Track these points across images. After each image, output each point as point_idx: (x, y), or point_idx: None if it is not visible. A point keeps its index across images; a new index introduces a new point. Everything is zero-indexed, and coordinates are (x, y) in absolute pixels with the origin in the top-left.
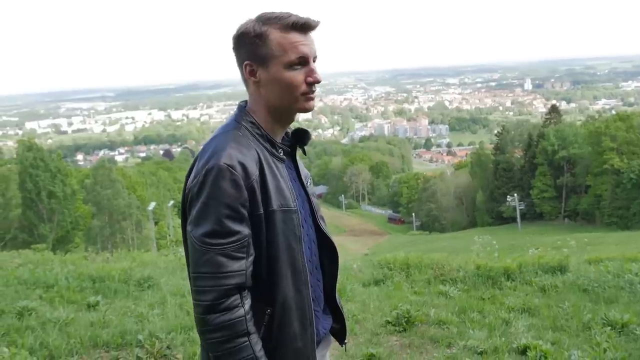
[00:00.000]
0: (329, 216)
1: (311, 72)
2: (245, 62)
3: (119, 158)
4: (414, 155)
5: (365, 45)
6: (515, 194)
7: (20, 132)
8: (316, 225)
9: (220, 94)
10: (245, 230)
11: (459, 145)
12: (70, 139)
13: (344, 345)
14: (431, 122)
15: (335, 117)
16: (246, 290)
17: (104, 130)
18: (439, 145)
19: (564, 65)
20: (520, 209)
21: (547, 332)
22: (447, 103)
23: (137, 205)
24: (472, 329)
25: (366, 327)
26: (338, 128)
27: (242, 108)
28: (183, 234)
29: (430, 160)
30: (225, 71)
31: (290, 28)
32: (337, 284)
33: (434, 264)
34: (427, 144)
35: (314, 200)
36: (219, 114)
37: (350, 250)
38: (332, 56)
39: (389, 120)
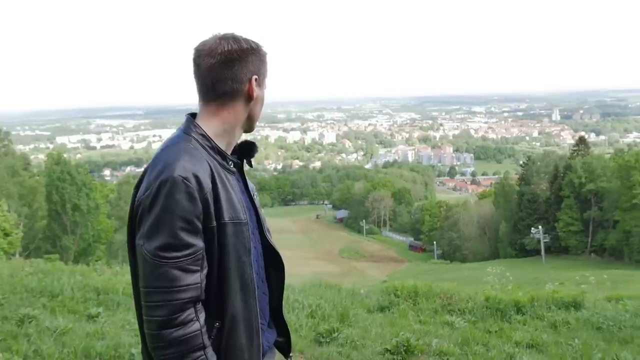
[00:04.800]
0: (349, 241)
1: None
2: (255, 76)
3: None
4: (438, 183)
5: (391, 71)
6: (540, 226)
7: (51, 146)
8: (263, 238)
9: None
10: (199, 243)
11: (484, 174)
12: (98, 155)
13: (289, 359)
14: (456, 150)
15: (360, 142)
16: (200, 304)
17: (131, 147)
18: (463, 174)
19: (594, 96)
20: (545, 242)
21: None
22: (472, 131)
23: None
24: None
25: (364, 354)
26: (362, 153)
27: (191, 120)
28: (129, 248)
29: (454, 189)
30: None
31: None
32: (284, 298)
33: (443, 293)
34: (451, 172)
35: (261, 212)
36: (244, 135)
37: (369, 276)
38: (358, 82)
39: (414, 147)
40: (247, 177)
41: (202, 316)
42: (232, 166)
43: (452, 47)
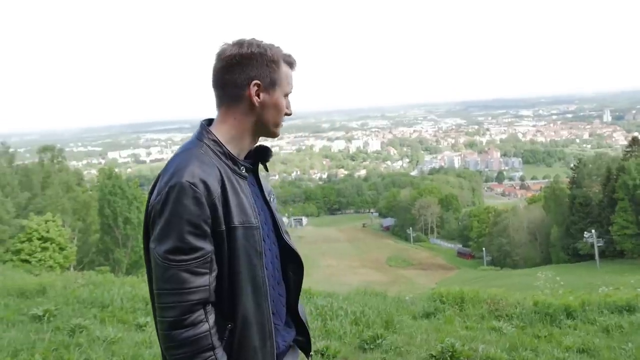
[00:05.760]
0: (396, 249)
1: (289, 105)
2: (255, 81)
3: None
4: (485, 188)
5: (435, 77)
6: (593, 230)
7: (103, 161)
8: (280, 240)
9: (291, 126)
10: (207, 246)
11: (533, 178)
12: (148, 168)
13: (309, 358)
14: (503, 155)
15: (405, 149)
16: (210, 305)
17: None
18: (511, 179)
19: None
20: (599, 246)
21: None
22: (520, 135)
23: None
24: None
25: None
26: (407, 160)
27: (204, 127)
28: (145, 252)
29: (502, 194)
30: (300, 105)
31: (289, 64)
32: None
33: (490, 299)
34: (499, 177)
35: (278, 215)
36: (289, 145)
37: (418, 284)
38: (401, 89)
39: (460, 153)
40: (263, 180)
41: (211, 318)
42: (243, 171)
43: (496, 50)
